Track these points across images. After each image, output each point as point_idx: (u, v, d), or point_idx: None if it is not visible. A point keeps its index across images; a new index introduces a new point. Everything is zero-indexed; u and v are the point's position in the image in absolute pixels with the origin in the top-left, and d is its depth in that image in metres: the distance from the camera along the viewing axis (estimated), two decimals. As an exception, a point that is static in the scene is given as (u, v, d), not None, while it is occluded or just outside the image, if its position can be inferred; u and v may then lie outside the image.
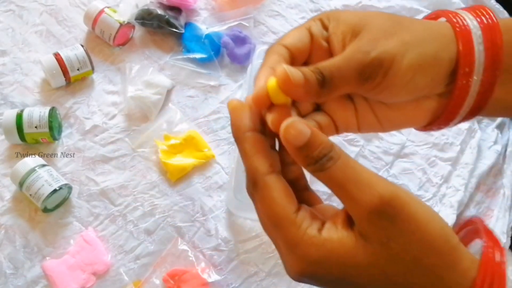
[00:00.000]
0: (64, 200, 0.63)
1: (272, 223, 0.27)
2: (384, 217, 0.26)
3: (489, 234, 0.30)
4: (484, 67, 0.30)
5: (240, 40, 0.74)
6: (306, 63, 0.33)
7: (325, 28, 0.32)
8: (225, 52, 0.75)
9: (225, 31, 0.75)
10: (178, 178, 0.65)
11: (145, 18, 0.75)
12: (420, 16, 0.85)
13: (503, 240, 0.63)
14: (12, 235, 0.61)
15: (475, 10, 0.32)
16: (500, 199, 0.67)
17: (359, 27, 0.30)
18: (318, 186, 0.70)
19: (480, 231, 0.31)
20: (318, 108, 0.34)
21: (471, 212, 0.66)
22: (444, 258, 0.27)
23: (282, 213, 0.27)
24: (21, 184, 0.61)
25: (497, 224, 0.65)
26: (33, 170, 0.61)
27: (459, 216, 0.65)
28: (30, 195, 0.60)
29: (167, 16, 0.74)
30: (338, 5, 0.80)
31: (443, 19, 0.33)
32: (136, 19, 0.75)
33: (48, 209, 0.62)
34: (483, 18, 0.31)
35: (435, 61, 0.30)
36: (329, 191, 0.28)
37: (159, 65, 0.74)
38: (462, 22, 0.31)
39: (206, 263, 0.60)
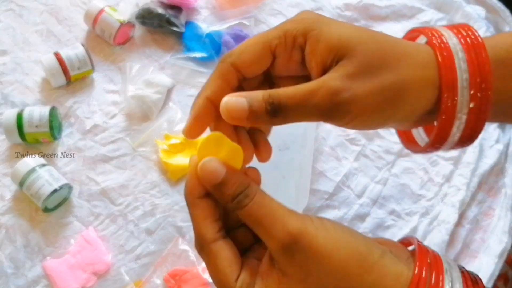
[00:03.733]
0: (65, 200, 0.63)
1: (217, 286, 0.29)
2: (296, 253, 0.26)
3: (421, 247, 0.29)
4: (469, 103, 0.29)
5: (241, 39, 0.74)
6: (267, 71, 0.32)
7: (297, 46, 0.30)
8: (225, 51, 0.75)
9: (225, 30, 0.75)
10: (179, 178, 0.65)
11: (146, 17, 0.74)
12: (422, 15, 0.85)
13: (505, 239, 0.63)
14: (13, 235, 0.61)
15: (459, 29, 0.30)
16: (501, 198, 0.67)
17: (341, 52, 0.28)
18: (319, 186, 0.70)
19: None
20: (271, 82, 0.33)
21: (472, 211, 0.66)
22: (363, 279, 0.26)
23: (224, 280, 0.28)
24: (21, 184, 0.61)
25: (498, 223, 0.65)
26: (33, 170, 0.61)
27: (461, 215, 0.65)
28: (31, 194, 0.60)
29: (167, 15, 0.74)
30: (339, 4, 0.80)
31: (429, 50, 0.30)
32: (136, 18, 0.75)
33: (49, 209, 0.62)
34: (469, 41, 0.29)
35: (411, 112, 0.30)
36: (329, 190, 0.28)
37: (159, 64, 0.74)
38: (448, 56, 0.29)
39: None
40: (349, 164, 0.67)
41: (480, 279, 0.28)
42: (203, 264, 0.59)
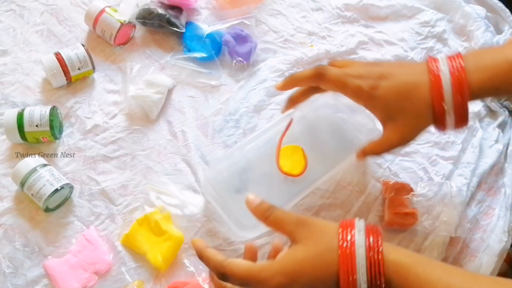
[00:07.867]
0: (66, 200, 0.63)
1: (246, 282, 0.43)
2: (303, 225, 0.45)
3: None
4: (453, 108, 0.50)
5: (241, 38, 0.74)
6: None
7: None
8: (226, 50, 0.75)
9: (226, 30, 0.75)
10: (127, 245, 0.61)
11: (146, 17, 0.75)
12: (421, 15, 0.85)
13: (504, 238, 0.63)
14: (12, 235, 0.61)
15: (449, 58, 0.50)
16: (501, 198, 0.67)
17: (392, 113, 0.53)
18: (320, 185, 0.69)
19: None
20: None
21: (472, 211, 0.66)
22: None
23: (250, 270, 0.44)
24: (22, 184, 0.61)
25: (498, 223, 0.65)
26: (34, 170, 0.61)
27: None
28: (32, 195, 0.60)
29: (168, 16, 0.74)
30: (339, 4, 0.80)
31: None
32: (137, 18, 0.75)
33: (50, 209, 0.62)
34: (454, 64, 0.50)
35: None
36: (330, 189, 0.28)
37: (160, 65, 0.74)
38: (437, 78, 0.50)
39: (206, 273, 0.59)
40: (349, 163, 0.67)
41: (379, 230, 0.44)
42: (203, 275, 0.59)
